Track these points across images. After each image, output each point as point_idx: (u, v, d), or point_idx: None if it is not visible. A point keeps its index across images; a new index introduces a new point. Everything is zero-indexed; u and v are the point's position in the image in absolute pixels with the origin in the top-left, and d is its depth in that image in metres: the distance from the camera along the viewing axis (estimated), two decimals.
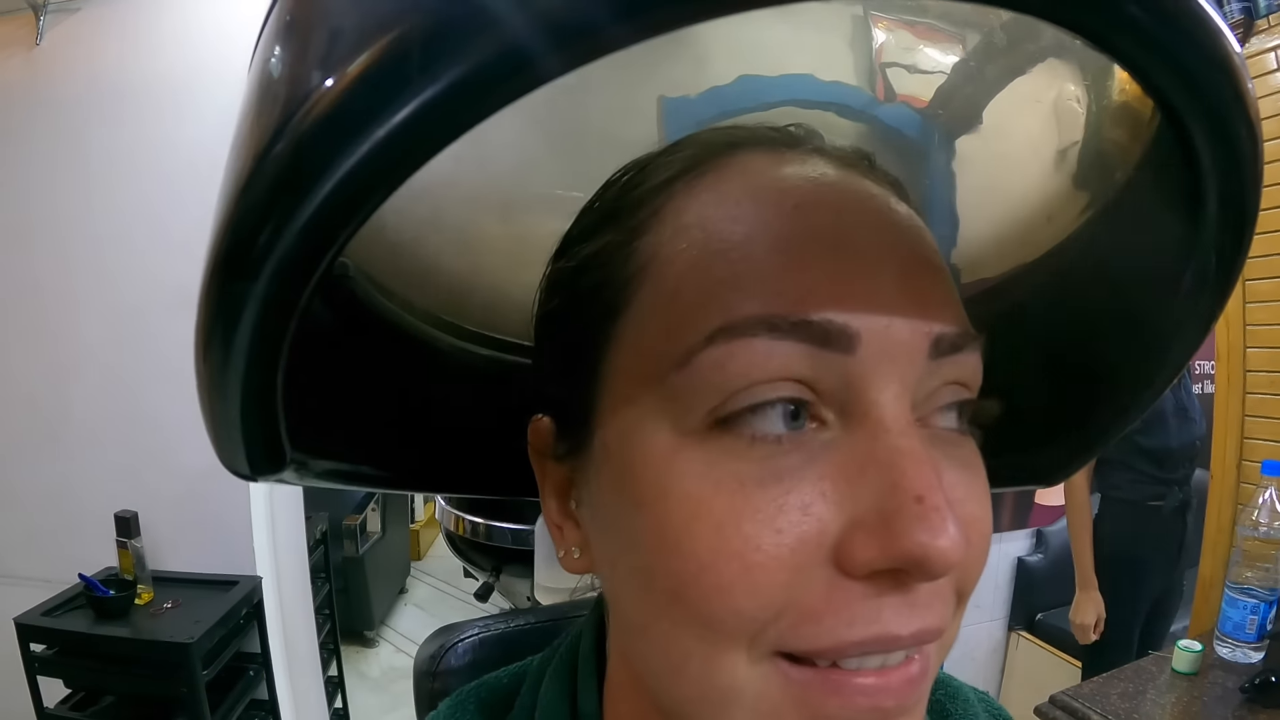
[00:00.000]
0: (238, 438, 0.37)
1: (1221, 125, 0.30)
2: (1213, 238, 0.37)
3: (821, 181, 0.36)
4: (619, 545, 0.37)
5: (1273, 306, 1.91)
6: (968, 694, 0.57)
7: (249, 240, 0.28)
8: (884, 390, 0.32)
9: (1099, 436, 0.52)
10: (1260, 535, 1.72)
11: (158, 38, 2.56)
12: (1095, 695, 1.67)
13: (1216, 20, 0.26)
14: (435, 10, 0.22)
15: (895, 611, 0.31)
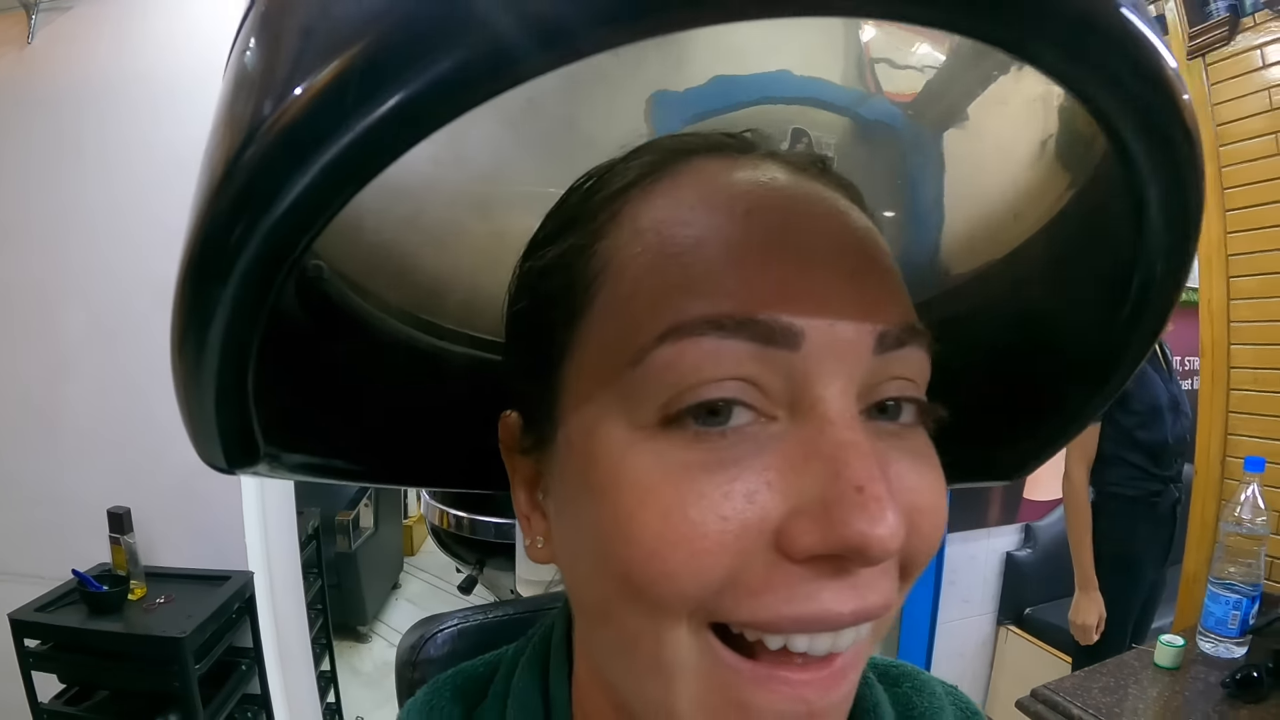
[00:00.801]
0: (213, 432, 0.39)
1: (1155, 135, 0.31)
2: (1157, 246, 0.38)
3: (772, 186, 0.37)
4: (578, 534, 0.38)
5: (1257, 303, 1.92)
6: (935, 687, 0.59)
7: (220, 242, 0.29)
8: (829, 385, 0.34)
9: (1056, 436, 0.54)
10: (1243, 531, 1.73)
11: (148, 37, 2.57)
12: (1077, 689, 1.68)
13: (1144, 32, 0.27)
14: (393, 29, 0.24)
15: (835, 593, 0.33)
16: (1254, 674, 1.61)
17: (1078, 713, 1.58)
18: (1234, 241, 1.96)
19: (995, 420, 0.54)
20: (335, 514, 4.06)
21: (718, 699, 0.35)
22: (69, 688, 2.39)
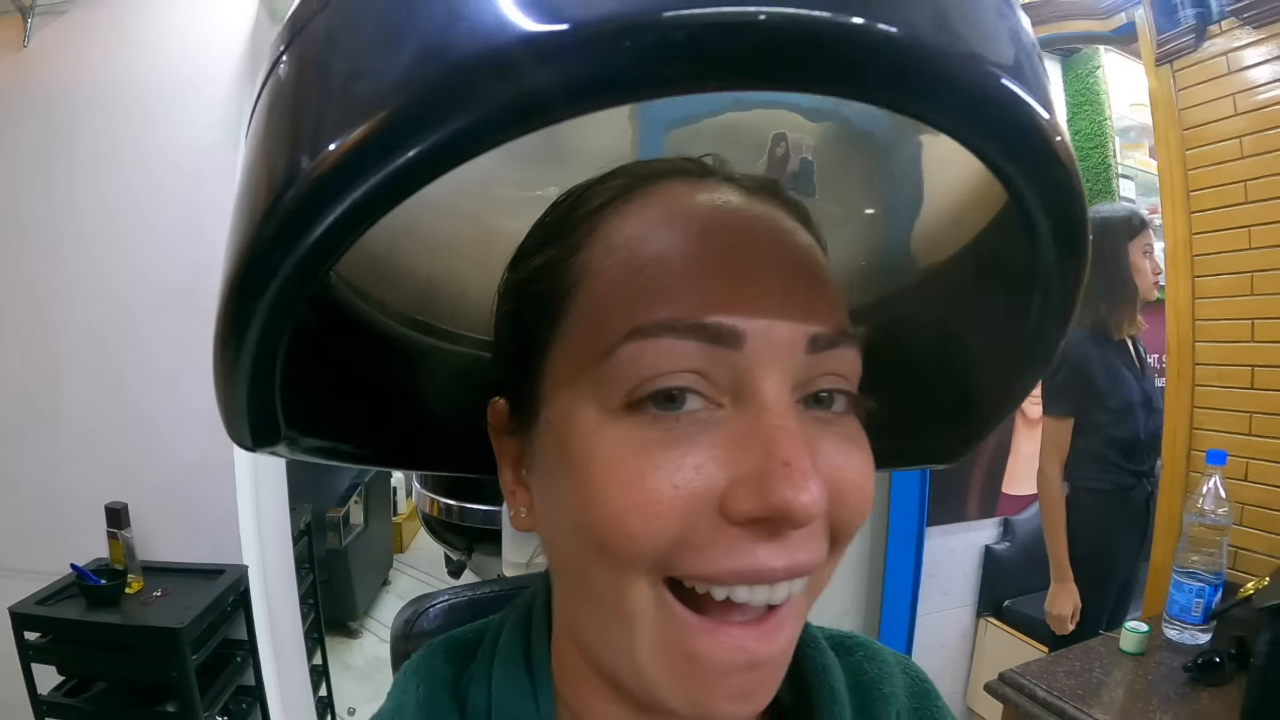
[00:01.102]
0: (243, 418, 0.45)
1: (1034, 174, 0.37)
2: (1051, 266, 0.44)
3: (725, 207, 0.44)
4: (556, 503, 0.45)
5: (1220, 302, 1.97)
6: (886, 656, 0.64)
7: (260, 266, 0.35)
8: (766, 379, 0.40)
9: (984, 425, 0.61)
10: (1206, 522, 1.79)
11: (143, 41, 2.60)
12: (1043, 673, 1.73)
13: (1008, 87, 0.32)
14: (406, 104, 0.29)
15: (769, 551, 0.39)
16: (1216, 659, 1.66)
17: (1043, 695, 1.63)
18: (1199, 242, 2.01)
19: (932, 411, 0.61)
20: (326, 511, 4.07)
21: (672, 648, 0.41)
22: (68, 680, 2.42)
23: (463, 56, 0.28)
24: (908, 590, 3.20)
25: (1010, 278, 0.48)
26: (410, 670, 0.55)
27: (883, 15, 0.29)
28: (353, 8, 0.33)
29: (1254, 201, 1.90)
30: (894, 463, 0.65)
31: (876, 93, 0.32)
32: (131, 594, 2.41)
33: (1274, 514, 1.89)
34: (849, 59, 0.29)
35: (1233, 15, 1.93)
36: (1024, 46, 0.34)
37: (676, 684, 0.41)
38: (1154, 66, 2.12)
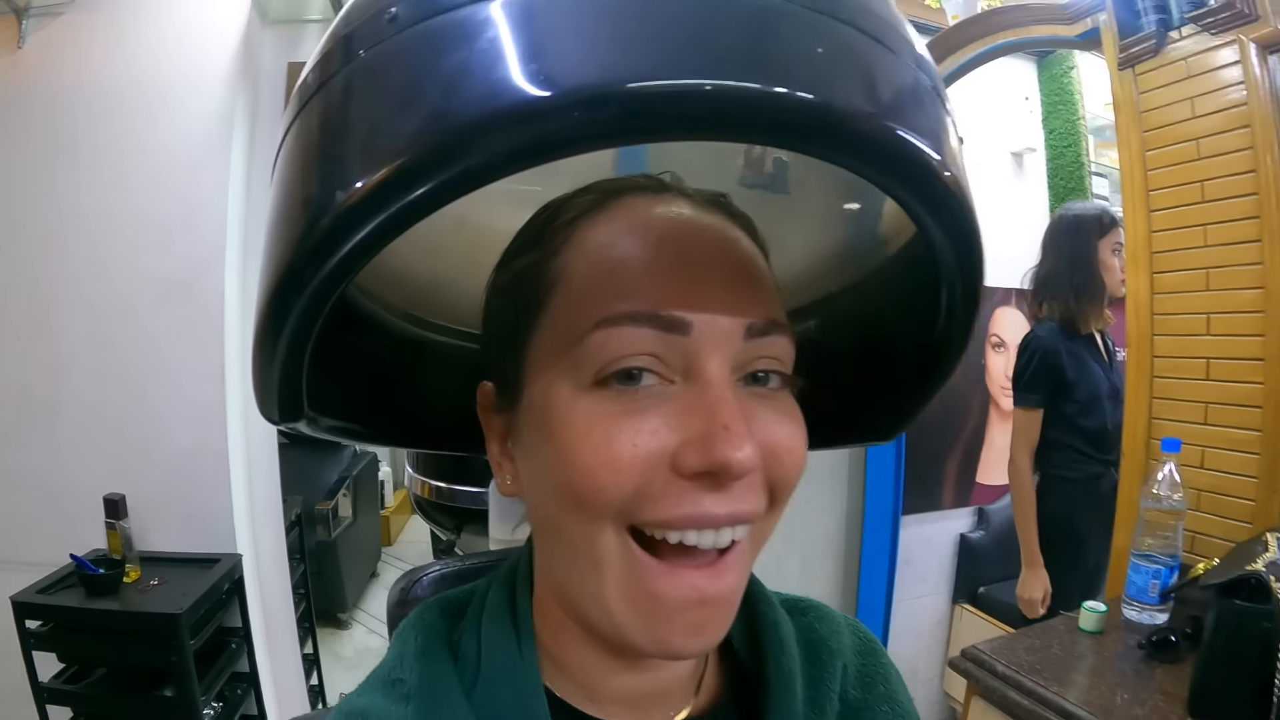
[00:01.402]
0: (274, 398, 0.54)
1: (934, 207, 0.47)
2: (954, 271, 0.54)
3: (678, 218, 0.53)
4: (538, 467, 0.53)
5: (1177, 297, 2.04)
6: (836, 617, 0.73)
7: (297, 279, 0.43)
8: (710, 360, 0.49)
9: (912, 407, 0.71)
10: (1162, 507, 1.86)
11: (138, 42, 2.66)
12: (1003, 649, 1.81)
13: (903, 137, 0.41)
14: (418, 154, 0.38)
15: (713, 500, 0.48)
16: (1171, 637, 1.73)
17: (1002, 669, 1.71)
18: (1158, 240, 2.08)
19: (869, 394, 0.71)
20: (315, 504, 4.14)
21: (635, 589, 0.49)
22: (68, 667, 2.48)
23: (460, 120, 0.37)
24: (883, 578, 3.28)
25: (925, 281, 0.57)
26: (408, 625, 0.62)
27: (801, 85, 0.38)
28: (369, 73, 0.41)
29: (1210, 201, 1.97)
30: (839, 441, 0.76)
31: (799, 145, 0.42)
32: (129, 583, 2.47)
33: (1229, 499, 1.96)
34: (776, 120, 0.38)
35: (1192, 21, 2.00)
36: (921, 101, 0.44)
37: (640, 621, 0.49)
38: (1117, 70, 2.19)
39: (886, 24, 0.44)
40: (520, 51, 0.37)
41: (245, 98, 2.77)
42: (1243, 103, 1.90)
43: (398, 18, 0.40)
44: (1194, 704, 1.51)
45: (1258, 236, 1.88)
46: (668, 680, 0.60)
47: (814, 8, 0.40)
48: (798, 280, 0.74)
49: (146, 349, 2.67)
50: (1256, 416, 1.91)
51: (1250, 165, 1.89)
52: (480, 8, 0.38)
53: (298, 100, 0.45)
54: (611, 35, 0.37)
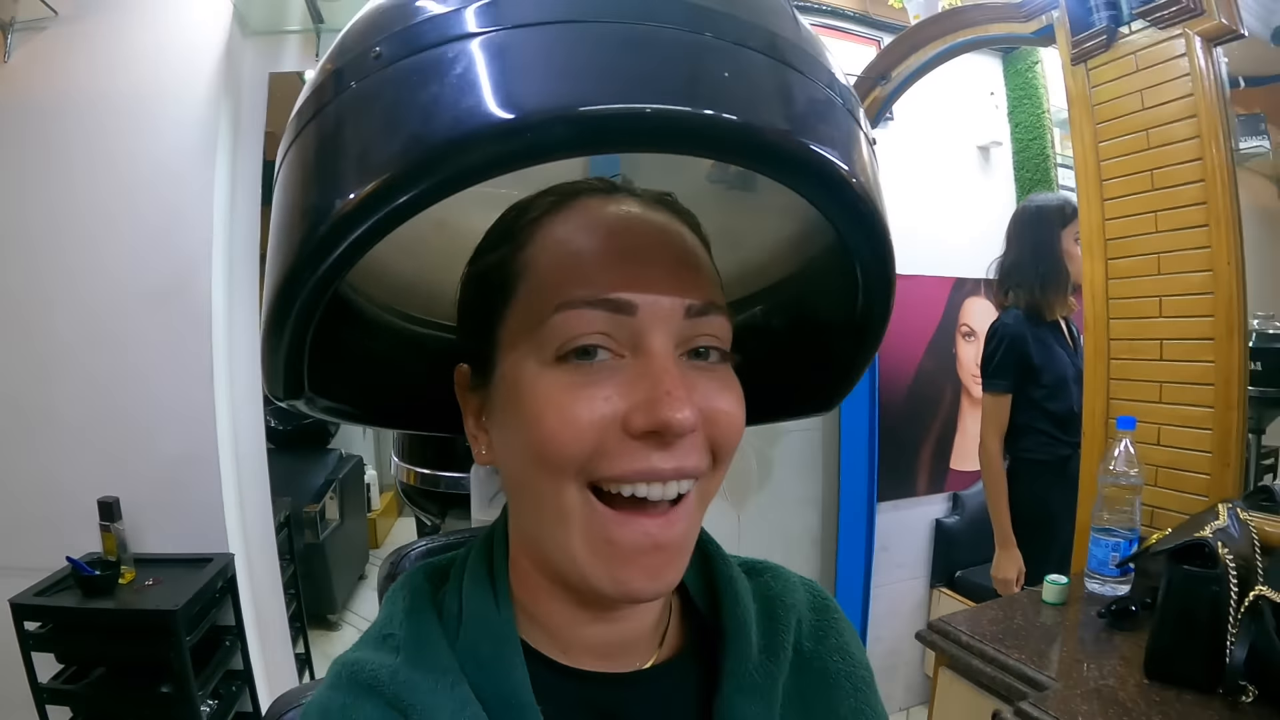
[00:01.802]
0: (280, 378, 0.62)
1: (845, 211, 0.56)
2: (869, 264, 0.63)
3: (627, 216, 0.61)
4: (509, 435, 0.61)
5: (1131, 281, 2.11)
6: (792, 577, 0.81)
7: (300, 276, 0.51)
8: (654, 337, 0.56)
9: (843, 381, 0.79)
10: (1120, 483, 1.93)
11: (122, 55, 2.72)
12: (967, 620, 1.88)
13: (815, 150, 0.49)
14: (400, 170, 0.45)
15: (660, 457, 0.55)
16: (1131, 607, 1.80)
17: (966, 639, 1.78)
18: (1111, 227, 2.15)
19: (809, 369, 0.80)
20: (303, 507, 4.18)
21: (596, 537, 0.57)
22: (67, 667, 2.54)
23: (436, 139, 0.44)
24: (861, 564, 3.34)
25: (848, 273, 0.65)
26: (396, 588, 0.69)
27: (726, 108, 0.46)
28: (358, 103, 0.49)
29: (1160, 189, 2.04)
30: (787, 413, 0.85)
31: (726, 157, 0.51)
32: (125, 584, 2.53)
33: (1184, 474, 2.03)
34: (705, 137, 0.47)
35: (1141, 17, 2.06)
36: (832, 118, 0.52)
37: (601, 565, 0.57)
38: (1070, 65, 2.26)
39: (804, 54, 0.52)
40: (488, 82, 0.44)
41: (228, 107, 2.83)
42: (1189, 94, 1.97)
43: (382, 55, 0.48)
44: (1150, 667, 1.57)
45: (1205, 221, 1.95)
46: (632, 632, 0.67)
47: (740, 42, 0.48)
48: (750, 269, 0.83)
49: (136, 354, 2.73)
50: (1208, 394, 1.98)
51: (1197, 153, 1.96)
52: (452, 46, 0.46)
53: (295, 125, 0.53)
54: (566, 67, 0.45)
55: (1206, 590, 1.51)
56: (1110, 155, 2.17)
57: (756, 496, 3.37)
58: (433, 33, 0.47)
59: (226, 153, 2.84)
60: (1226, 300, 1.93)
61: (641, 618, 0.67)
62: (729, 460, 0.61)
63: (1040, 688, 1.57)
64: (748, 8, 0.51)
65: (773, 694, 0.68)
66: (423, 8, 0.48)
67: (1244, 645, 1.45)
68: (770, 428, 3.30)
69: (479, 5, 0.46)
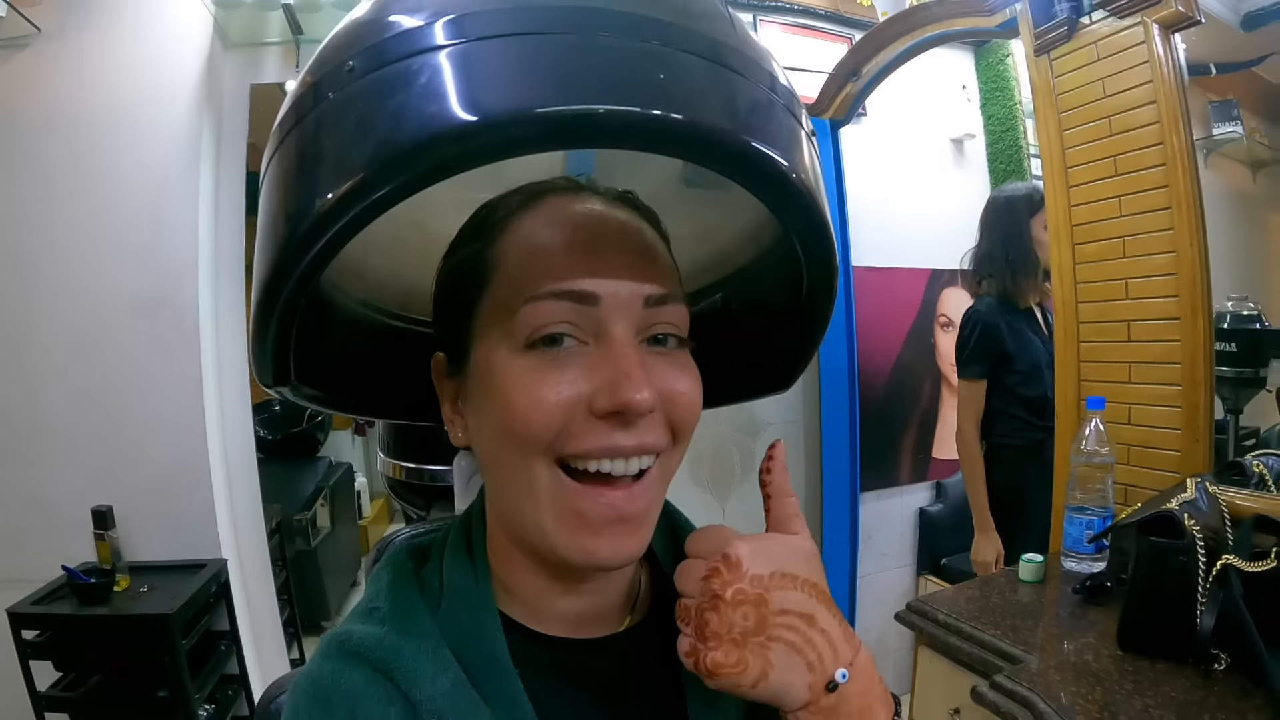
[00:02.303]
0: (268, 366, 0.66)
1: (787, 204, 0.60)
2: (812, 254, 0.68)
3: (590, 213, 0.65)
4: (483, 418, 0.65)
5: (1097, 265, 2.15)
6: None
7: (285, 271, 0.55)
8: (616, 325, 0.61)
9: (797, 365, 0.85)
10: (1092, 462, 1.98)
11: (104, 69, 2.76)
12: (945, 600, 1.94)
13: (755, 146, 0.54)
14: (372, 171, 0.50)
15: (622, 435, 0.60)
16: (1106, 583, 1.85)
17: (944, 618, 1.82)
18: (1076, 213, 2.20)
19: (763, 352, 0.85)
20: (294, 514, 4.20)
21: (564, 510, 0.61)
22: (64, 675, 2.57)
23: (405, 142, 0.49)
24: (846, 553, 3.38)
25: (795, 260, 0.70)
26: (381, 566, 0.74)
27: (673, 108, 0.50)
28: (334, 112, 0.53)
29: (1123, 174, 2.09)
30: (747, 394, 0.90)
31: (674, 153, 0.55)
32: (120, 591, 2.57)
33: (1155, 451, 2.07)
34: (653, 134, 0.51)
35: (1101, 6, 2.11)
36: (773, 117, 0.57)
37: (569, 536, 0.61)
38: (1034, 57, 2.31)
39: (745, 58, 0.57)
40: (453, 88, 0.49)
41: (210, 118, 2.86)
42: (1149, 80, 2.02)
43: (355, 69, 0.52)
44: (1122, 638, 1.62)
45: (1167, 204, 2.00)
46: (604, 602, 0.72)
47: (684, 49, 0.53)
48: (714, 259, 0.88)
49: (125, 364, 2.76)
50: (1175, 372, 2.03)
51: (1158, 139, 2.01)
52: (417, 60, 0.50)
53: (277, 135, 0.58)
54: (524, 74, 0.50)
55: (1174, 561, 1.56)
56: (1074, 143, 2.22)
57: (739, 488, 3.42)
58: (400, 47, 0.51)
59: (210, 164, 2.88)
60: (1190, 281, 1.97)
61: (612, 590, 0.72)
62: (688, 438, 0.66)
63: (1016, 662, 1.61)
64: (691, 16, 0.56)
65: None
66: (393, 23, 0.53)
67: (1212, 613, 1.50)
68: (750, 421, 3.36)
69: (444, 20, 0.51)
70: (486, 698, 0.62)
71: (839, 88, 3.27)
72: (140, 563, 2.74)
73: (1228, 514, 1.70)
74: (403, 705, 0.61)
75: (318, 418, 4.82)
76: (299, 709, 0.61)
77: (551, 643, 0.70)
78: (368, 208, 0.51)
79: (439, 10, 0.52)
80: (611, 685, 0.70)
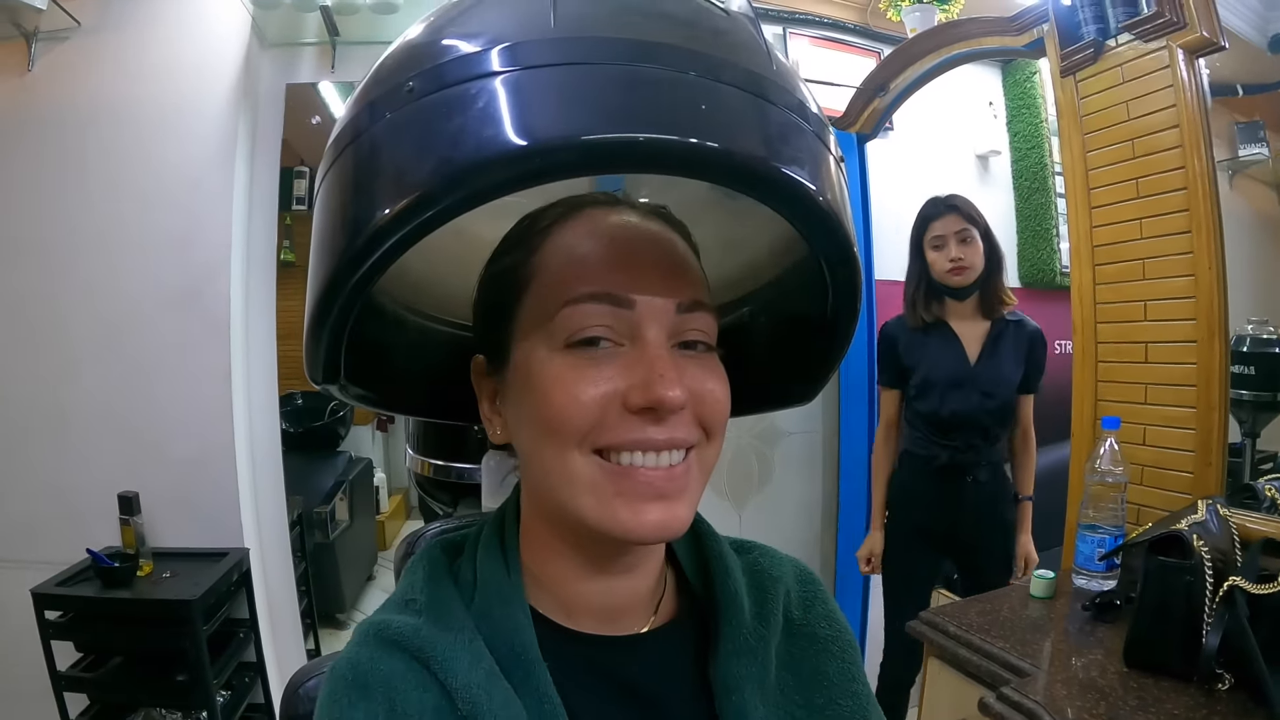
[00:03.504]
0: (320, 365, 0.69)
1: (814, 226, 0.63)
2: (836, 269, 0.70)
3: (625, 225, 0.69)
4: (521, 414, 0.68)
5: (1117, 287, 2.17)
6: (780, 556, 0.88)
7: (343, 279, 0.59)
8: (649, 328, 0.64)
9: (820, 378, 0.86)
10: (1105, 481, 2.00)
11: (143, 65, 2.81)
12: (955, 613, 1.96)
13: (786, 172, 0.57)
14: (428, 190, 0.53)
15: (655, 430, 0.63)
16: (1115, 600, 1.88)
17: (954, 630, 1.85)
18: (1098, 234, 2.22)
19: (784, 365, 0.87)
20: (314, 507, 4.25)
21: (604, 491, 0.64)
22: (85, 656, 2.61)
23: (463, 162, 0.52)
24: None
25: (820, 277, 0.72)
26: (416, 560, 0.76)
27: (708, 136, 0.53)
28: (393, 131, 0.56)
29: (1144, 196, 2.11)
30: (772, 404, 0.92)
31: (709, 179, 0.58)
32: (142, 576, 2.61)
33: (1168, 473, 2.09)
34: (690, 161, 0.54)
35: (1127, 30, 2.12)
36: (801, 143, 0.60)
37: (609, 515, 0.64)
38: (1060, 77, 2.33)
39: (778, 87, 0.59)
40: (506, 114, 0.52)
41: (246, 117, 2.91)
42: (1172, 104, 2.04)
43: (414, 90, 0.55)
44: (1129, 655, 1.63)
45: (1188, 228, 2.02)
46: (630, 591, 0.74)
47: (720, 79, 0.56)
48: (741, 274, 0.90)
49: (156, 356, 2.81)
50: (1191, 394, 2.04)
51: (1180, 162, 2.03)
52: (475, 84, 0.53)
53: (333, 150, 0.61)
54: (571, 102, 0.52)
55: (1181, 580, 1.58)
56: (1098, 164, 2.24)
57: (757, 497, 3.43)
58: (459, 71, 0.54)
59: (245, 160, 2.93)
60: (1208, 304, 1.99)
61: (639, 579, 0.74)
62: (721, 434, 0.69)
63: (1024, 675, 1.63)
64: (727, 47, 0.59)
65: (766, 656, 0.74)
66: (449, 47, 0.56)
67: (1217, 633, 1.51)
68: (770, 430, 3.38)
69: (499, 48, 0.54)
70: (517, 690, 0.64)
71: (866, 102, 3.29)
72: (164, 549, 2.79)
73: (1238, 536, 1.72)
74: (438, 693, 0.63)
75: (340, 412, 4.85)
76: (337, 693, 0.63)
77: (581, 638, 0.72)
78: (424, 223, 0.54)
79: (495, 38, 0.55)
80: (639, 685, 0.72)
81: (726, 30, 0.62)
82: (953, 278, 2.68)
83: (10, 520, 2.87)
